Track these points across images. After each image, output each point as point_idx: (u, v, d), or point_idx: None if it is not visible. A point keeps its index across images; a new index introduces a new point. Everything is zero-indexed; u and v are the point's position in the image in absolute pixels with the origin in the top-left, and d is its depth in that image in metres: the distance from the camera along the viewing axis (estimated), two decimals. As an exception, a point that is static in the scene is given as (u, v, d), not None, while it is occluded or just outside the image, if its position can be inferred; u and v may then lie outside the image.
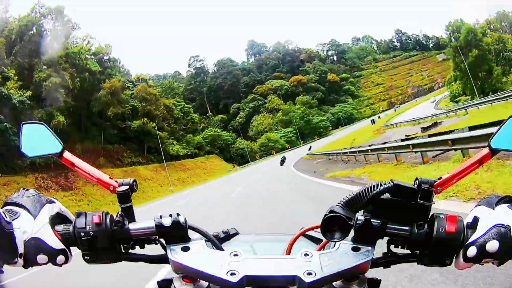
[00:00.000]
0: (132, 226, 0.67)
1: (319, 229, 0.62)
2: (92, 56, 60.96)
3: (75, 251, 0.67)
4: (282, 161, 41.00)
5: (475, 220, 0.60)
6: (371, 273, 0.63)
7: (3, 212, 0.60)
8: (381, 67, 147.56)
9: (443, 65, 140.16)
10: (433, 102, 70.14)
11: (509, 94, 26.61)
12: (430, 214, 0.62)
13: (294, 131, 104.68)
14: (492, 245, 0.55)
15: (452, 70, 57.87)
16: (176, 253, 0.63)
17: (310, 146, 56.42)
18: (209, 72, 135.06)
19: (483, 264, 0.59)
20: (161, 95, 78.70)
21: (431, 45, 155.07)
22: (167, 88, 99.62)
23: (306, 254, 0.59)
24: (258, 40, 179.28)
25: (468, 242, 0.58)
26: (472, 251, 0.57)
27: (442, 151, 9.18)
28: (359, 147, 18.75)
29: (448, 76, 66.29)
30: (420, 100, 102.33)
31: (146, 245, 0.70)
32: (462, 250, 0.59)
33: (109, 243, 0.65)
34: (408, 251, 0.65)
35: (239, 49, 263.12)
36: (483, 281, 2.45)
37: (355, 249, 0.61)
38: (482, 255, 0.57)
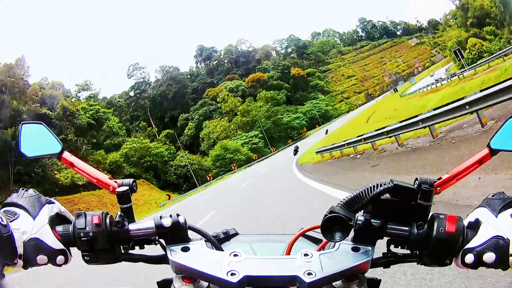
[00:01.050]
0: (132, 226, 0.67)
1: (319, 229, 0.61)
2: None
3: (74, 251, 0.66)
4: (296, 151, 41.38)
5: (477, 222, 0.59)
6: (371, 273, 0.63)
7: (1, 214, 0.59)
8: (349, 59, 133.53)
9: (417, 49, 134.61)
10: (432, 76, 64.42)
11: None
12: (430, 214, 0.62)
13: (261, 135, 79.91)
14: (489, 257, 0.55)
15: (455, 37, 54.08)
16: (176, 254, 0.63)
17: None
18: (151, 82, 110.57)
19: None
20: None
21: (400, 31, 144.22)
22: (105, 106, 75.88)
23: (306, 254, 0.59)
24: (207, 44, 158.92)
25: (467, 246, 0.58)
26: (469, 258, 0.57)
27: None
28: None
29: (450, 43, 57.32)
30: (419, 77, 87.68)
31: (146, 245, 0.70)
32: (461, 253, 0.59)
33: (108, 243, 0.64)
34: (408, 251, 0.65)
35: (188, 57, 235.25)
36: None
37: (355, 249, 0.61)
38: (479, 263, 0.57)
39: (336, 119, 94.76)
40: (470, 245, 0.58)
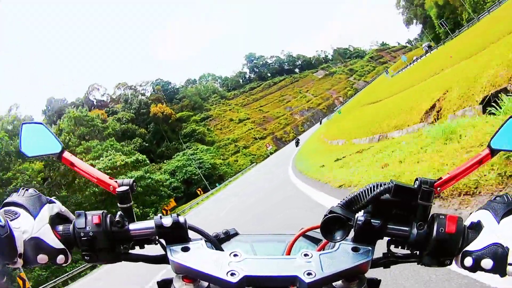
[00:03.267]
0: (132, 226, 0.67)
1: (319, 230, 0.60)
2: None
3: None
4: (297, 143, 43.41)
5: (478, 225, 0.59)
6: (371, 273, 0.63)
7: (1, 214, 0.59)
8: (238, 102, 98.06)
9: (328, 80, 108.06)
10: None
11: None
12: (430, 214, 0.61)
13: None
14: (487, 263, 0.55)
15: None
16: (176, 253, 0.62)
17: None
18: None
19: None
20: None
21: (300, 66, 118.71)
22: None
23: (306, 255, 0.59)
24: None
25: (467, 249, 0.58)
26: (468, 261, 0.57)
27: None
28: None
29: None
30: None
31: (146, 245, 0.70)
32: (461, 255, 0.59)
33: (108, 243, 0.64)
34: (408, 251, 0.65)
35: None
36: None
37: (355, 250, 0.60)
38: (477, 268, 0.57)
39: (236, 177, 51.02)
40: (470, 248, 0.58)
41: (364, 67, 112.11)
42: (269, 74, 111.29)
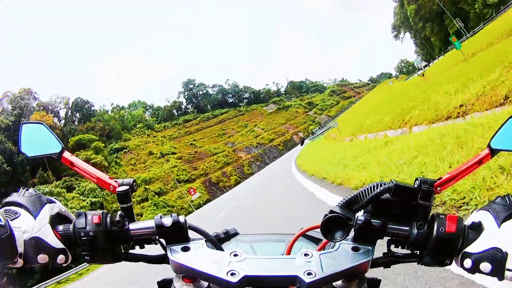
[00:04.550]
0: (132, 226, 0.67)
1: (319, 229, 0.60)
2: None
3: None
4: (302, 142, 49.04)
5: (479, 226, 0.59)
6: (371, 273, 0.63)
7: (1, 214, 0.59)
8: (166, 135, 79.22)
9: (281, 114, 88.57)
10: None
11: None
12: (430, 214, 0.61)
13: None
14: (485, 266, 0.56)
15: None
16: (176, 253, 0.62)
17: None
18: None
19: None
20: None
21: (247, 99, 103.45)
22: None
23: (306, 254, 0.59)
24: None
25: (466, 250, 0.58)
26: (467, 263, 0.58)
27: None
28: None
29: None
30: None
31: (146, 245, 0.69)
32: (460, 255, 0.59)
33: (109, 243, 0.64)
34: (408, 251, 0.65)
35: None
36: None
37: (355, 249, 0.60)
38: (476, 270, 0.57)
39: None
40: (469, 249, 0.58)
41: (325, 101, 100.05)
42: (209, 106, 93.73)
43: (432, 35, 52.12)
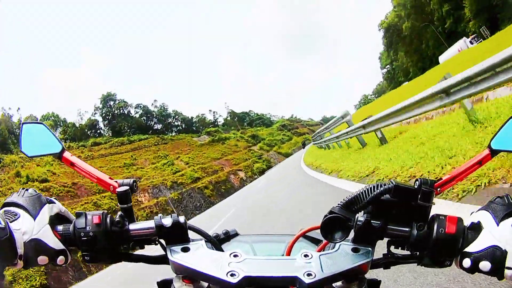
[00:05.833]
0: (132, 226, 0.67)
1: (319, 230, 0.60)
2: None
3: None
4: (304, 144, 48.65)
5: (478, 226, 0.59)
6: (371, 274, 0.63)
7: (1, 215, 0.58)
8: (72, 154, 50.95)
9: (216, 148, 69.48)
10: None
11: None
12: (430, 215, 0.61)
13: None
14: (484, 265, 0.56)
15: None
16: (176, 254, 0.62)
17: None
18: None
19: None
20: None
21: (177, 126, 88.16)
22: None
23: (306, 255, 0.59)
24: None
25: (466, 250, 0.58)
26: (466, 263, 0.58)
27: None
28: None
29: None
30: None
31: (146, 245, 0.70)
32: (459, 256, 0.59)
33: (109, 243, 0.64)
34: (408, 252, 0.65)
35: None
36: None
37: (355, 250, 0.60)
38: (475, 269, 0.57)
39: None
40: (469, 249, 0.58)
41: (274, 135, 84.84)
42: (128, 130, 75.90)
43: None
